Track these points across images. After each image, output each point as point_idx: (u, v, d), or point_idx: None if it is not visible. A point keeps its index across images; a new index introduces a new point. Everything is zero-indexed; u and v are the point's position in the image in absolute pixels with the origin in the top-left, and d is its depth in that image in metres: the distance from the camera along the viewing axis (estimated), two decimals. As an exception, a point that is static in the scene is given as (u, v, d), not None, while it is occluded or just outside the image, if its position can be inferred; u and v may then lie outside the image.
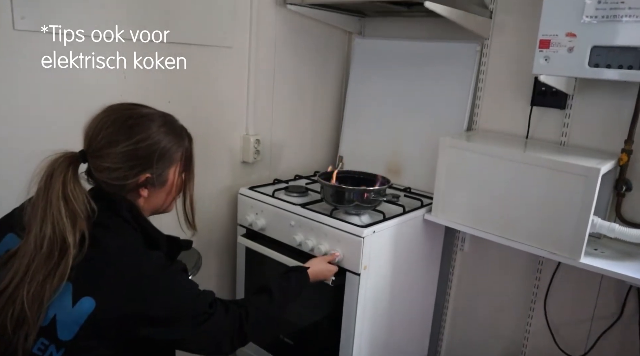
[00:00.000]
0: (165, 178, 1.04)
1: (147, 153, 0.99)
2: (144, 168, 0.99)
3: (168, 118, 1.06)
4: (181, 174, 1.08)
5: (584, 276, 1.63)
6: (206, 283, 1.93)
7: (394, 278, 1.67)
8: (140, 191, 1.02)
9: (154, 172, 1.01)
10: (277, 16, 1.89)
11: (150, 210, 1.09)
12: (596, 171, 1.30)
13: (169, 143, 1.02)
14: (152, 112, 1.04)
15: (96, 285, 0.92)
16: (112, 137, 0.96)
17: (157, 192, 1.05)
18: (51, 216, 0.91)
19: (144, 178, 1.00)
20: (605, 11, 1.26)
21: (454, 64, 1.86)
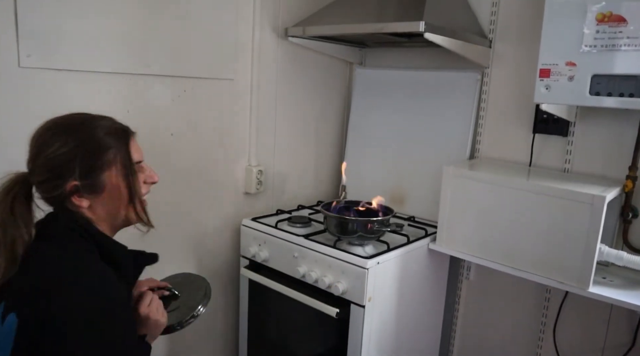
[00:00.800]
0: (102, 183, 0.96)
1: (67, 159, 0.93)
2: (68, 175, 0.93)
3: (97, 122, 0.99)
4: (124, 177, 0.99)
5: (594, 305, 1.60)
6: (210, 315, 1.90)
7: (399, 310, 1.65)
8: (74, 200, 0.95)
9: (81, 179, 0.94)
10: (279, 48, 1.92)
11: (108, 220, 1.01)
12: (602, 199, 1.29)
13: (92, 147, 0.95)
14: (81, 116, 0.99)
15: (20, 300, 0.87)
16: (38, 148, 0.94)
17: (100, 199, 0.98)
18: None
19: (71, 186, 0.94)
20: (604, 40, 1.27)
21: (454, 92, 1.87)
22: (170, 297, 1.26)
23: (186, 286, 1.33)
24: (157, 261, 1.12)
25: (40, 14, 1.28)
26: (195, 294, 1.30)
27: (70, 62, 1.35)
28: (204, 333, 1.91)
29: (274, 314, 1.81)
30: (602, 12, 1.26)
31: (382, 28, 1.57)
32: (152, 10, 1.51)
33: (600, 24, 1.27)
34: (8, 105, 1.27)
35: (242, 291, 1.88)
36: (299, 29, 1.83)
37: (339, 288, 1.51)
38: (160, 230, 1.54)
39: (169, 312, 1.23)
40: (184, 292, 1.30)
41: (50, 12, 1.29)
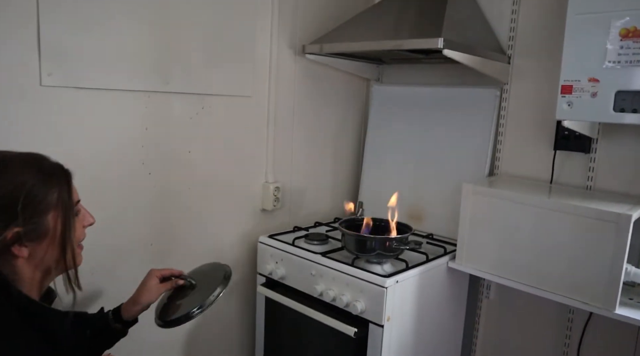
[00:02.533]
0: (45, 228, 0.86)
1: (7, 202, 0.82)
2: (9, 221, 0.82)
3: (33, 158, 0.90)
4: (62, 220, 0.90)
5: (620, 327, 1.55)
6: (226, 333, 1.89)
7: (418, 329, 1.62)
8: (14, 251, 0.84)
9: (25, 224, 0.83)
10: (296, 65, 1.93)
11: (39, 271, 0.89)
12: (628, 218, 1.25)
13: (37, 185, 0.86)
14: (13, 154, 0.88)
15: None
16: None
17: (39, 247, 0.87)
18: None
19: (12, 234, 0.83)
20: (628, 56, 1.25)
21: (473, 109, 1.85)
22: (187, 287, 1.25)
23: (208, 274, 1.31)
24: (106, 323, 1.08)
25: (62, 34, 1.30)
26: (214, 281, 1.26)
27: (90, 81, 1.37)
28: (219, 351, 1.89)
29: (290, 332, 1.79)
30: (626, 27, 1.24)
31: (400, 45, 1.57)
32: (171, 29, 1.53)
33: (624, 40, 1.25)
34: (30, 123, 1.28)
35: (258, 309, 1.86)
36: (316, 46, 1.84)
37: (357, 307, 1.48)
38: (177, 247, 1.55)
39: (184, 299, 1.23)
40: (204, 280, 1.28)
41: (72, 32, 1.31)
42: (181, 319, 1.18)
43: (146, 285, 1.21)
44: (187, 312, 1.18)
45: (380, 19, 1.80)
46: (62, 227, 0.89)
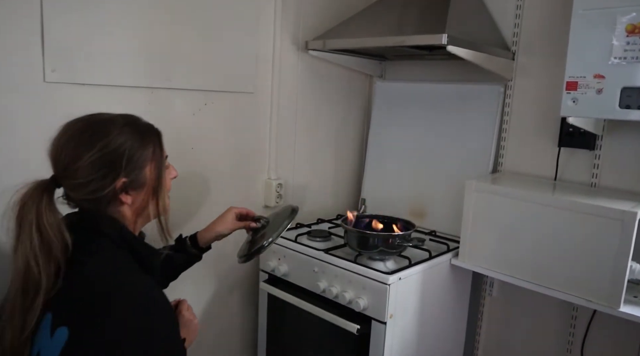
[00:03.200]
0: (143, 179, 0.99)
1: (114, 158, 0.94)
2: (117, 173, 0.94)
3: (130, 119, 1.01)
4: (158, 171, 1.02)
5: (624, 325, 1.55)
6: (229, 329, 1.89)
7: (421, 327, 1.61)
8: (121, 198, 0.97)
9: (128, 175, 0.95)
10: (299, 61, 1.92)
11: (137, 215, 1.02)
12: (633, 215, 1.25)
13: (137, 142, 0.97)
14: (111, 116, 0.99)
15: (70, 314, 0.87)
16: (75, 152, 0.92)
17: (139, 195, 0.99)
18: (24, 250, 0.88)
19: (120, 184, 0.95)
20: (634, 52, 1.24)
21: (477, 105, 1.84)
22: (262, 227, 1.41)
23: (279, 214, 1.47)
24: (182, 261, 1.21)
25: (66, 30, 1.30)
26: (283, 217, 1.41)
27: (93, 77, 1.37)
28: (221, 347, 1.89)
29: (293, 329, 1.79)
30: (632, 23, 1.23)
31: (403, 41, 1.56)
32: (173, 25, 1.52)
33: (630, 36, 1.24)
34: (33, 118, 1.28)
35: (261, 306, 1.86)
36: (319, 42, 1.83)
37: (359, 304, 1.48)
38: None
39: (258, 237, 1.38)
40: (275, 219, 1.43)
41: (75, 29, 1.31)
42: (254, 253, 1.35)
43: (224, 217, 1.40)
44: (260, 245, 1.33)
45: (384, 15, 1.79)
46: (155, 179, 1.01)
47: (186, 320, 1.13)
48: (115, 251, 0.95)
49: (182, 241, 1.39)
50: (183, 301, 1.18)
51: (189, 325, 1.14)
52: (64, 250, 0.90)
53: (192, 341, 1.15)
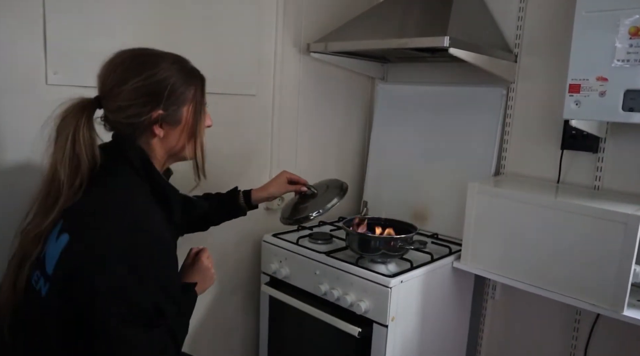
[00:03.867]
0: (179, 116, 1.02)
1: (157, 89, 0.98)
2: (156, 104, 0.98)
3: (179, 58, 1.05)
4: (194, 114, 1.05)
5: (628, 328, 1.54)
6: (230, 331, 1.89)
7: (423, 330, 1.61)
8: (154, 129, 1.00)
9: (166, 109, 0.99)
10: (301, 64, 1.92)
11: (166, 152, 1.05)
12: (636, 218, 1.24)
13: (180, 80, 1.01)
14: (164, 52, 1.04)
15: (74, 224, 0.92)
16: (123, 75, 0.97)
17: (172, 131, 1.03)
18: (55, 157, 0.94)
19: (156, 115, 0.98)
20: (637, 55, 1.23)
21: (479, 108, 1.84)
22: (309, 195, 1.51)
23: (328, 187, 1.55)
24: (204, 209, 1.23)
25: (68, 33, 1.30)
26: (332, 192, 1.50)
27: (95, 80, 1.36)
28: (223, 349, 1.89)
29: (294, 332, 1.78)
30: (635, 25, 1.23)
31: (405, 43, 1.56)
32: (175, 27, 1.52)
33: (633, 38, 1.23)
34: (36, 121, 1.27)
35: (262, 308, 1.85)
36: (321, 44, 1.83)
37: (361, 307, 1.48)
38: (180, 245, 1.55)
39: (306, 204, 1.48)
40: (324, 191, 1.52)
41: (77, 31, 1.31)
42: (301, 219, 1.46)
43: (278, 179, 1.51)
44: (306, 215, 1.44)
45: (386, 17, 1.79)
46: (193, 120, 1.04)
47: (204, 267, 1.18)
48: (134, 179, 0.99)
49: (235, 193, 1.47)
50: (204, 249, 1.22)
51: (205, 272, 1.18)
52: (91, 167, 0.95)
53: (206, 289, 1.20)
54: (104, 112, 1.01)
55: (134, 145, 1.00)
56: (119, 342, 0.88)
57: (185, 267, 1.20)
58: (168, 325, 0.97)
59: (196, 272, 1.17)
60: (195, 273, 1.17)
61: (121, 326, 0.87)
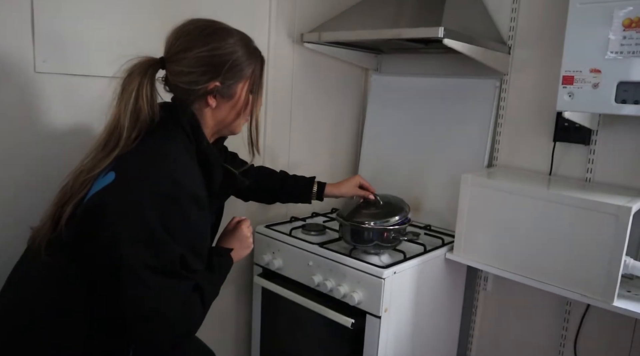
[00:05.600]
0: (233, 91, 1.07)
1: (219, 61, 1.03)
2: (215, 75, 1.03)
3: (245, 36, 1.11)
4: (249, 93, 1.10)
5: (617, 319, 1.56)
6: (222, 323, 1.88)
7: (415, 321, 1.61)
8: (208, 99, 1.05)
9: (223, 82, 1.04)
10: (294, 54, 1.90)
11: (216, 123, 1.10)
12: (628, 210, 1.25)
13: (242, 57, 1.06)
14: (232, 28, 1.09)
15: (122, 164, 0.97)
16: (189, 43, 1.02)
17: (224, 104, 1.08)
18: (118, 109, 1.00)
19: (212, 85, 1.04)
20: (630, 47, 1.23)
21: (472, 99, 1.84)
22: (372, 203, 1.59)
23: (392, 202, 1.61)
24: (245, 185, 1.22)
25: (57, 19, 1.27)
26: (395, 209, 1.57)
27: (86, 67, 1.35)
28: (215, 340, 1.89)
29: (287, 323, 1.78)
30: (629, 17, 1.23)
31: (400, 34, 1.55)
32: (168, 16, 1.49)
33: (627, 30, 1.23)
34: (24, 109, 1.26)
35: (255, 300, 1.85)
36: (314, 34, 1.82)
37: (354, 298, 1.48)
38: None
39: (367, 211, 1.57)
40: (388, 205, 1.59)
41: (66, 18, 1.29)
42: (356, 224, 1.53)
43: (351, 181, 1.60)
44: (363, 221, 1.53)
45: (380, 7, 1.78)
46: (246, 97, 1.10)
47: (243, 235, 1.23)
48: (183, 139, 1.03)
49: (312, 182, 1.57)
50: (246, 219, 1.28)
51: (243, 240, 1.23)
52: (150, 121, 1.01)
53: (242, 257, 1.25)
54: (165, 74, 1.06)
55: (187, 109, 1.05)
56: (142, 287, 0.90)
57: (226, 233, 1.26)
58: (195, 281, 1.00)
59: (235, 239, 1.22)
60: (233, 239, 1.22)
61: (145, 272, 0.90)
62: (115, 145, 0.99)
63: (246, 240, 1.24)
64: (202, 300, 1.03)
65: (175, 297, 0.95)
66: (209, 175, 1.07)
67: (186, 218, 0.95)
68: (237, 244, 1.22)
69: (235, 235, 1.23)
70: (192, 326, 1.02)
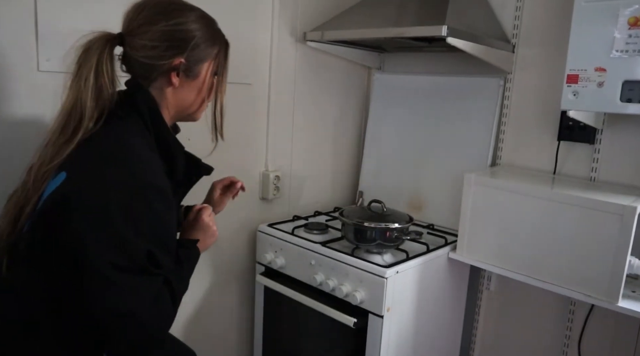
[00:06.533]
0: (197, 71, 1.03)
1: (184, 37, 0.99)
2: (179, 51, 0.99)
3: (208, 16, 1.07)
4: (213, 75, 1.07)
5: (622, 319, 1.55)
6: (224, 322, 1.88)
7: (418, 320, 1.61)
8: (171, 76, 1.00)
9: (188, 59, 1.00)
10: (297, 52, 1.90)
11: (177, 105, 1.05)
12: (633, 210, 1.24)
13: (207, 35, 1.03)
14: (194, 5, 1.05)
15: (73, 162, 0.92)
16: (154, 16, 0.98)
17: (187, 85, 1.03)
18: (78, 87, 0.94)
19: (177, 61, 0.99)
20: (636, 45, 1.22)
21: (476, 98, 1.83)
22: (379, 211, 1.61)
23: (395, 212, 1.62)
24: (210, 174, 1.19)
25: (60, 18, 1.27)
26: (398, 216, 1.58)
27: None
28: (218, 339, 1.89)
29: (290, 322, 1.78)
30: (635, 15, 1.22)
31: (403, 32, 1.54)
32: (171, 13, 1.49)
33: (632, 28, 1.22)
34: (28, 107, 1.26)
35: (257, 298, 1.85)
36: (317, 33, 1.81)
37: (356, 298, 1.47)
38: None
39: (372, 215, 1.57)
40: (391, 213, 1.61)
41: (70, 18, 1.29)
42: (359, 224, 1.54)
43: (212, 199, 1.37)
44: (364, 223, 1.52)
45: (383, 6, 1.77)
46: (211, 80, 1.06)
47: (204, 224, 1.16)
48: (140, 127, 0.98)
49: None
50: (207, 207, 1.21)
51: (206, 229, 1.16)
52: (110, 102, 0.96)
53: (208, 246, 1.18)
54: (124, 50, 1.00)
55: (145, 91, 1.00)
56: (109, 286, 0.86)
57: (188, 223, 1.19)
58: (164, 276, 0.95)
59: (198, 229, 1.16)
60: (197, 231, 1.16)
61: (111, 271, 0.85)
62: (77, 126, 0.93)
63: (209, 229, 1.17)
64: (172, 295, 0.97)
65: (145, 295, 0.90)
66: (171, 162, 1.03)
67: (152, 212, 0.90)
68: (202, 234, 1.15)
69: (197, 226, 1.16)
70: (164, 324, 0.97)
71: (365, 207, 1.65)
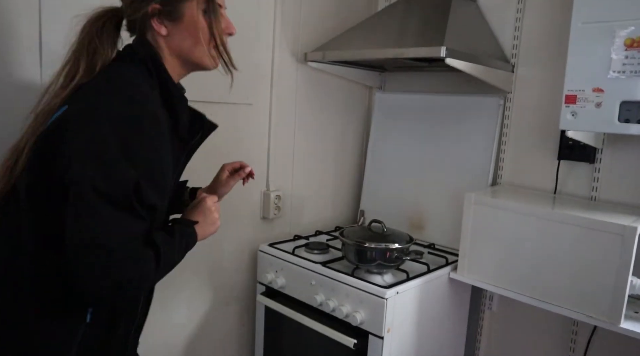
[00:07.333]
0: (181, 12, 0.98)
1: None
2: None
3: None
4: (204, 13, 1.00)
5: (625, 340, 1.52)
6: (225, 341, 1.87)
7: (419, 341, 1.59)
8: (153, 24, 0.98)
9: (162, 3, 0.97)
10: (298, 73, 1.92)
11: (175, 54, 1.02)
12: (634, 230, 1.23)
13: None
14: None
15: (75, 95, 0.94)
16: None
17: (175, 29, 0.99)
18: (77, 47, 0.98)
19: (151, 8, 0.96)
20: (633, 66, 1.23)
21: (476, 117, 1.84)
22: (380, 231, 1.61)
23: (395, 232, 1.62)
24: (214, 129, 1.16)
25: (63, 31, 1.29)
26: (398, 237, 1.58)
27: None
28: (218, 360, 1.87)
29: (290, 342, 1.77)
30: (631, 37, 1.23)
31: (402, 53, 1.56)
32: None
33: (629, 49, 1.23)
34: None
35: (258, 318, 1.84)
36: (318, 53, 1.83)
37: (356, 318, 1.46)
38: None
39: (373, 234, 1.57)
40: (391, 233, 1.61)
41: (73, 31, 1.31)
42: (360, 243, 1.52)
43: (219, 180, 1.35)
44: (365, 243, 1.52)
45: (383, 26, 1.79)
46: (204, 21, 1.00)
47: (206, 208, 1.09)
48: (142, 73, 0.97)
49: (184, 185, 1.36)
50: (213, 196, 1.14)
51: (207, 213, 1.09)
52: (105, 58, 0.98)
53: (208, 234, 1.10)
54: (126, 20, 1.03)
55: (143, 40, 1.00)
56: (87, 212, 0.82)
57: (190, 207, 1.12)
58: (150, 232, 0.90)
59: (199, 212, 1.08)
60: (197, 212, 1.08)
61: (94, 197, 0.81)
62: (72, 77, 0.96)
63: (210, 214, 1.10)
64: (157, 258, 0.90)
65: (122, 232, 0.84)
66: (174, 114, 1.00)
67: (146, 138, 0.87)
68: (201, 217, 1.07)
69: (199, 208, 1.09)
70: (138, 276, 0.88)
71: (365, 227, 1.65)
